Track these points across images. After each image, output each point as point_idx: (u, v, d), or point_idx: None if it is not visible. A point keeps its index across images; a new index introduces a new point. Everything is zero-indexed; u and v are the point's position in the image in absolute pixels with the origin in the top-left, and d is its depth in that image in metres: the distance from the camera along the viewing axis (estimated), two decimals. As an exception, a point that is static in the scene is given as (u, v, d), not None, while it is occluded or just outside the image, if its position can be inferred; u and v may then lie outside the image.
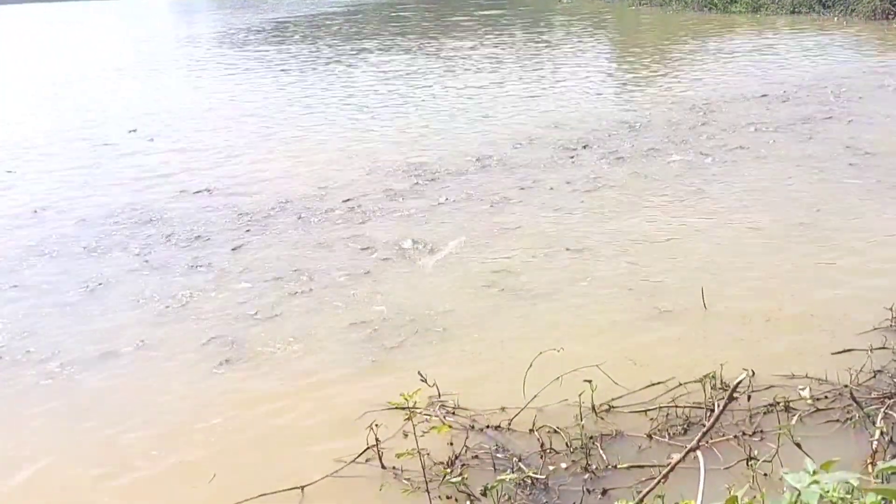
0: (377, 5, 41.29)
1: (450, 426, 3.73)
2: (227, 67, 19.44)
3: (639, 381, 4.24)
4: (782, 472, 1.75)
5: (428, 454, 3.53)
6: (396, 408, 3.17)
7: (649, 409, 4.03)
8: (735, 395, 3.65)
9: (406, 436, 3.32)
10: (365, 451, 3.55)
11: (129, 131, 11.66)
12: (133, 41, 29.58)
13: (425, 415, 3.87)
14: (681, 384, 4.19)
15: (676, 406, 4.03)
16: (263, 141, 10.82)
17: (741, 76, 14.39)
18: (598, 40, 22.94)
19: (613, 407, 4.05)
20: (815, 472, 2.09)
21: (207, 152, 10.21)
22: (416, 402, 3.11)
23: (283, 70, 18.24)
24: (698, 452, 2.79)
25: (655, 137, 9.80)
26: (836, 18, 23.38)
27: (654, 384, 4.22)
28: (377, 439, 3.42)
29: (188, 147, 10.61)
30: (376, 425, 3.44)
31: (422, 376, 3.87)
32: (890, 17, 21.67)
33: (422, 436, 3.27)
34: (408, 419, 3.16)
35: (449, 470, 3.40)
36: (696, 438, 2.84)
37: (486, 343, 4.85)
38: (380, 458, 3.47)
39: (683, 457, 2.81)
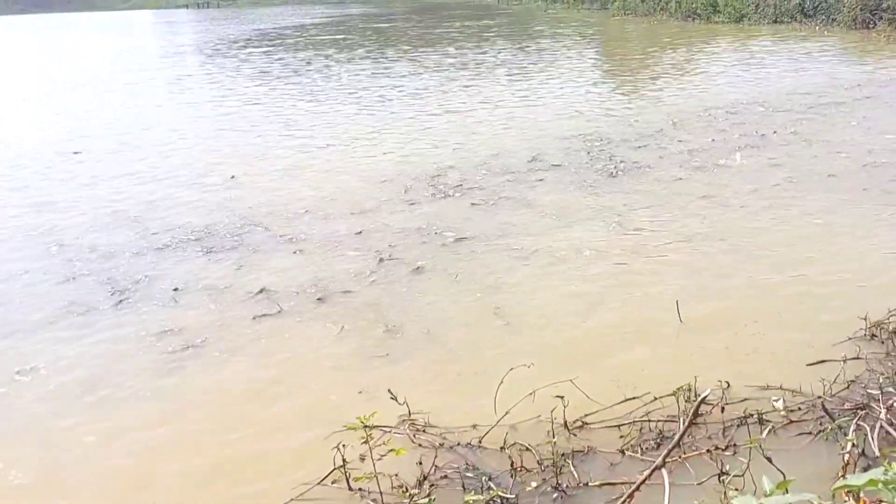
0: (363, 16, 41.45)
1: (419, 445, 3.69)
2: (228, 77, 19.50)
3: (613, 396, 4.21)
4: (730, 496, 1.73)
5: (396, 475, 3.48)
6: (353, 429, 3.11)
7: (623, 424, 3.99)
8: (700, 411, 3.64)
9: (363, 459, 3.27)
10: (331, 472, 3.50)
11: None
12: (122, 52, 29.67)
13: (395, 433, 3.83)
14: (656, 398, 4.16)
15: (650, 420, 3.99)
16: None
17: (729, 85, 14.56)
18: (585, 51, 23.04)
19: (586, 423, 4.00)
20: (769, 493, 2.05)
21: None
22: (373, 424, 3.06)
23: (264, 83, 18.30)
24: (663, 470, 2.75)
25: (642, 150, 9.84)
26: (817, 28, 23.62)
27: (628, 399, 4.18)
28: (343, 460, 3.36)
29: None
30: (343, 446, 3.38)
31: (391, 394, 3.84)
32: (870, 25, 21.88)
33: (379, 459, 3.22)
34: (364, 442, 3.11)
35: (416, 490, 3.35)
36: (662, 456, 2.81)
37: (458, 359, 4.81)
38: (346, 480, 3.42)
39: (648, 475, 2.78)
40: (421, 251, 6.59)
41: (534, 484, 3.53)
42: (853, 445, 3.55)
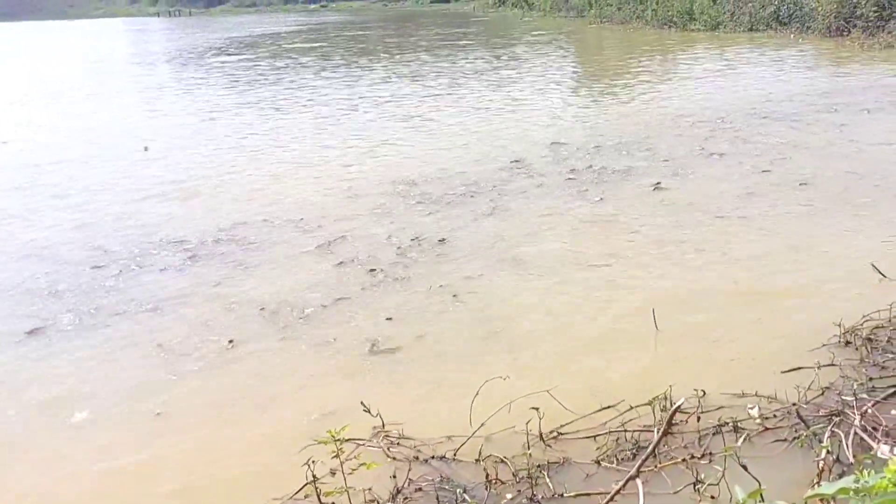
0: (338, 24, 41.44)
1: (393, 458, 3.63)
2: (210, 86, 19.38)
3: (589, 406, 4.18)
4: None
5: (369, 489, 3.43)
6: (324, 443, 3.05)
7: (598, 435, 3.97)
8: (676, 420, 3.62)
9: (334, 474, 3.22)
10: (302, 487, 3.44)
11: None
12: (93, 61, 29.46)
13: (369, 447, 3.78)
14: (631, 408, 4.14)
15: (625, 430, 3.96)
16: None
17: (707, 93, 14.70)
18: (563, 59, 23.16)
19: (562, 433, 3.97)
20: (743, 502, 2.03)
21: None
22: (344, 438, 3.01)
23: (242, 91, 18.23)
24: (638, 480, 2.73)
25: (622, 158, 9.87)
26: (792, 35, 23.85)
27: (604, 408, 4.16)
28: (314, 475, 3.31)
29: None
30: (314, 461, 3.33)
31: (364, 406, 3.79)
32: (844, 33, 22.15)
33: (350, 473, 3.17)
34: (335, 456, 3.06)
35: (389, 504, 3.31)
36: (636, 466, 2.78)
37: (434, 371, 4.77)
38: (318, 495, 3.36)
39: (623, 485, 2.76)
40: (397, 262, 6.55)
41: (509, 496, 3.50)
42: (828, 452, 3.56)
